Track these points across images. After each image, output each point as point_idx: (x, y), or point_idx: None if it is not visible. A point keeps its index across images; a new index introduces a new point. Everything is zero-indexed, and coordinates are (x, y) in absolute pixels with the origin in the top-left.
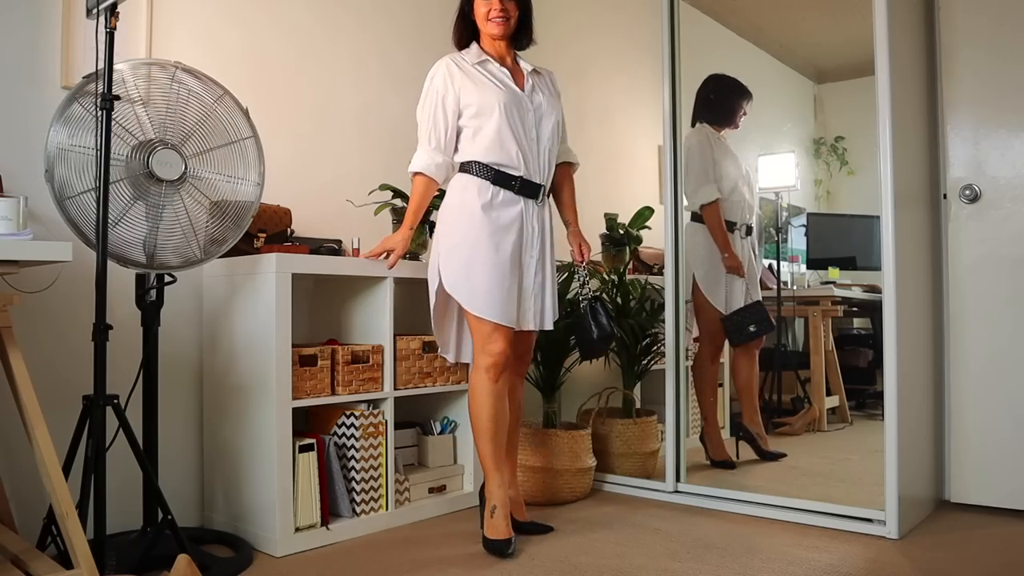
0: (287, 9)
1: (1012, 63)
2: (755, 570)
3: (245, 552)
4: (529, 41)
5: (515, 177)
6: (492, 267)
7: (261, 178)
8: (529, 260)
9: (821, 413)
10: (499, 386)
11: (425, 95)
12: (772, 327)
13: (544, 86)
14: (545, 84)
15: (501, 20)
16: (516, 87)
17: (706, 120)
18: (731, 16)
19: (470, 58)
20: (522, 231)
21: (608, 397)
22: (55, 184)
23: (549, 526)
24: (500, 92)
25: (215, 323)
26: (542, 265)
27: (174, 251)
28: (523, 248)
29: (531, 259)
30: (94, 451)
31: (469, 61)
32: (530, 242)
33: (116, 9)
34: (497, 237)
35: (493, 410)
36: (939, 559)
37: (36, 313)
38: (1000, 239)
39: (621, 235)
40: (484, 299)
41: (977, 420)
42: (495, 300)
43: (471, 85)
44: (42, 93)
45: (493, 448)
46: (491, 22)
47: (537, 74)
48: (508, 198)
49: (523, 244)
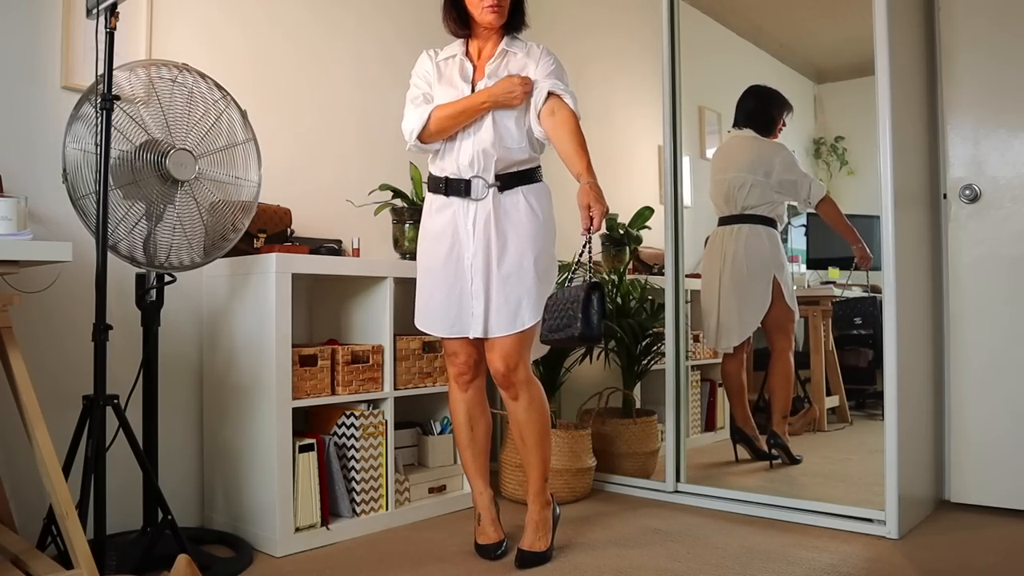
0: (287, 9)
1: (1012, 63)
2: (755, 570)
3: (245, 552)
4: (521, 24)
5: (441, 179)
6: (427, 278)
7: (260, 179)
8: (467, 261)
9: (821, 413)
10: (469, 395)
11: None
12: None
13: (506, 67)
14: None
15: (494, 7)
16: (465, 84)
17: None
18: (731, 16)
19: (443, 55)
20: (456, 233)
21: (608, 397)
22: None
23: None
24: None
25: (215, 323)
26: (484, 265)
27: (179, 251)
28: (462, 250)
29: (468, 260)
30: (94, 451)
31: (439, 58)
32: (467, 241)
33: (116, 9)
34: (430, 246)
35: (463, 418)
36: (939, 559)
37: (36, 313)
38: (1000, 239)
39: (621, 235)
40: (421, 312)
41: (977, 420)
42: (430, 311)
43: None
44: (42, 93)
45: (470, 456)
46: (486, 10)
47: (508, 53)
48: (440, 203)
49: (461, 245)
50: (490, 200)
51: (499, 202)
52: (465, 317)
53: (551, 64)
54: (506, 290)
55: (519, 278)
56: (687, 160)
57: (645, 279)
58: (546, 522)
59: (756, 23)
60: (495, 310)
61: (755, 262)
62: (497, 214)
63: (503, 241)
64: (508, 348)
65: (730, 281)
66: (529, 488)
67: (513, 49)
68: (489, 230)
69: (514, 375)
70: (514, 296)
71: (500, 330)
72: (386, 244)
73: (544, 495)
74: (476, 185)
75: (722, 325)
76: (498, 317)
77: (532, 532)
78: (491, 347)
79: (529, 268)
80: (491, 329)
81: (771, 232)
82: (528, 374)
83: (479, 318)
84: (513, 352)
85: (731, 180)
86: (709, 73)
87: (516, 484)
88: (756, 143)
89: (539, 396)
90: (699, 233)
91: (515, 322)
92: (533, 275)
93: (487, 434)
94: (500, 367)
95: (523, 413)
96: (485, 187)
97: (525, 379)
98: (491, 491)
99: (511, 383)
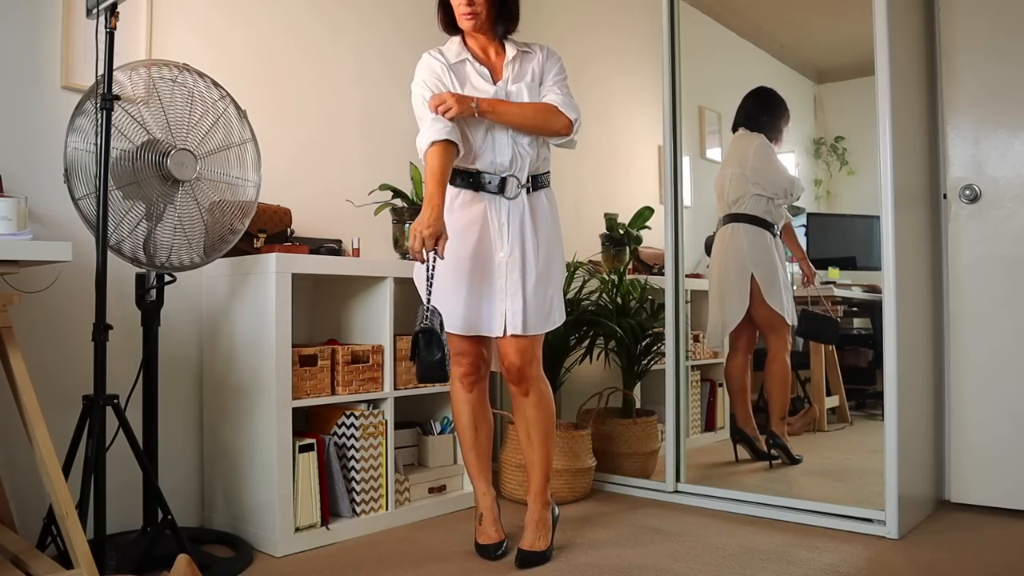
0: (288, 8)
1: (1012, 63)
2: (755, 570)
3: (245, 552)
4: (511, 27)
5: (473, 172)
6: (449, 274)
7: (259, 179)
8: (500, 259)
9: (821, 413)
10: (474, 396)
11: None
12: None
13: (528, 68)
14: (530, 65)
15: (469, 15)
16: (491, 85)
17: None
18: (731, 16)
19: (450, 56)
20: (485, 230)
21: (608, 397)
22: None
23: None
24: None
25: (215, 323)
26: (521, 263)
27: (179, 251)
28: (491, 247)
29: (502, 258)
30: (94, 451)
31: (448, 59)
32: (499, 240)
33: (116, 9)
34: (454, 241)
35: (467, 419)
36: (939, 559)
37: (36, 313)
38: (1000, 239)
39: (621, 235)
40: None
41: (977, 420)
42: (448, 307)
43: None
44: (42, 93)
45: (474, 456)
46: (462, 17)
47: (524, 55)
48: (468, 197)
49: (490, 243)
50: (523, 199)
51: (529, 202)
52: (487, 316)
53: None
54: (541, 289)
55: (549, 277)
56: (687, 160)
57: (645, 279)
58: (546, 522)
59: (756, 23)
60: (532, 308)
61: (733, 261)
62: (531, 214)
63: (538, 241)
64: (526, 344)
65: (716, 281)
66: (531, 487)
67: (524, 49)
68: (525, 229)
69: (529, 369)
70: (547, 295)
71: (536, 327)
72: (386, 244)
73: (545, 495)
74: (511, 184)
75: (710, 323)
76: (535, 314)
77: (532, 532)
78: (510, 343)
79: (558, 267)
80: (527, 326)
81: (755, 230)
82: (540, 371)
83: (516, 314)
84: (530, 348)
85: (720, 178)
86: (709, 73)
87: (516, 484)
88: (743, 138)
89: (548, 394)
90: (699, 233)
91: (548, 320)
92: (560, 274)
93: (489, 435)
94: (516, 361)
95: (533, 409)
96: (518, 186)
97: (538, 375)
98: (494, 491)
99: (524, 377)
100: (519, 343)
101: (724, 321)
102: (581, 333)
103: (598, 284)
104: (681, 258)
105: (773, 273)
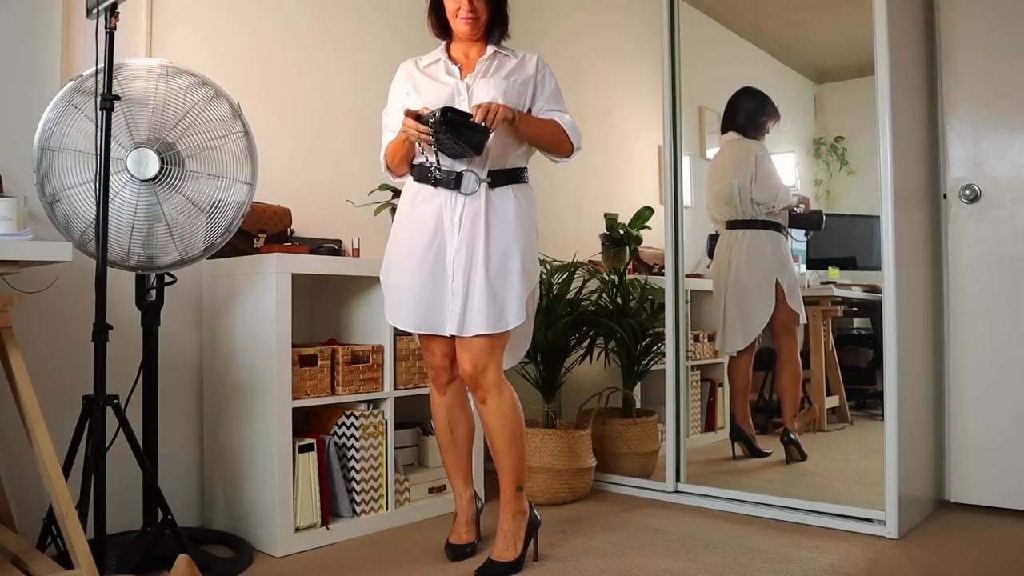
0: (287, 9)
1: (1012, 63)
2: (755, 570)
3: (245, 552)
4: (502, 35)
5: (429, 168)
6: (403, 271)
7: (253, 178)
8: (451, 258)
9: (821, 413)
10: (448, 398)
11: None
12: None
13: (500, 68)
14: (504, 66)
15: (470, 20)
16: (451, 78)
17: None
18: (731, 16)
19: (425, 60)
20: (440, 226)
21: (608, 397)
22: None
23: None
24: (435, 92)
25: (215, 323)
26: (468, 262)
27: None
28: (446, 244)
29: (451, 255)
30: (94, 451)
31: (421, 65)
32: (451, 237)
33: (116, 9)
34: (411, 237)
35: (443, 421)
36: (939, 559)
37: (36, 313)
38: (1000, 239)
39: (621, 235)
40: (392, 306)
41: (977, 420)
42: (400, 304)
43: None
44: (42, 93)
45: (452, 458)
46: (460, 20)
47: (502, 56)
48: (428, 193)
49: (445, 240)
50: (481, 196)
51: (489, 199)
52: (439, 314)
53: (551, 85)
54: (491, 289)
55: (504, 277)
56: (687, 160)
57: (645, 279)
58: (518, 532)
59: (756, 23)
60: (477, 308)
61: (757, 267)
62: (487, 211)
63: (490, 239)
64: (478, 349)
65: (735, 287)
66: (500, 495)
67: (504, 52)
68: (477, 227)
69: (482, 377)
70: (499, 296)
71: (479, 328)
72: (386, 244)
73: (517, 504)
74: (467, 179)
75: (728, 329)
76: (480, 315)
77: (502, 541)
78: (462, 347)
79: (515, 267)
80: (469, 326)
81: (773, 235)
82: (498, 377)
83: (455, 314)
84: (483, 353)
85: (727, 188)
86: (709, 73)
87: None
88: (739, 144)
89: (509, 400)
90: (699, 233)
91: (499, 322)
92: (519, 274)
93: (468, 435)
94: (468, 368)
95: (491, 418)
96: (476, 182)
97: (495, 382)
98: (471, 492)
99: (478, 385)
100: (471, 347)
101: (747, 327)
102: (581, 333)
103: (598, 284)
104: (681, 258)
105: (794, 277)
